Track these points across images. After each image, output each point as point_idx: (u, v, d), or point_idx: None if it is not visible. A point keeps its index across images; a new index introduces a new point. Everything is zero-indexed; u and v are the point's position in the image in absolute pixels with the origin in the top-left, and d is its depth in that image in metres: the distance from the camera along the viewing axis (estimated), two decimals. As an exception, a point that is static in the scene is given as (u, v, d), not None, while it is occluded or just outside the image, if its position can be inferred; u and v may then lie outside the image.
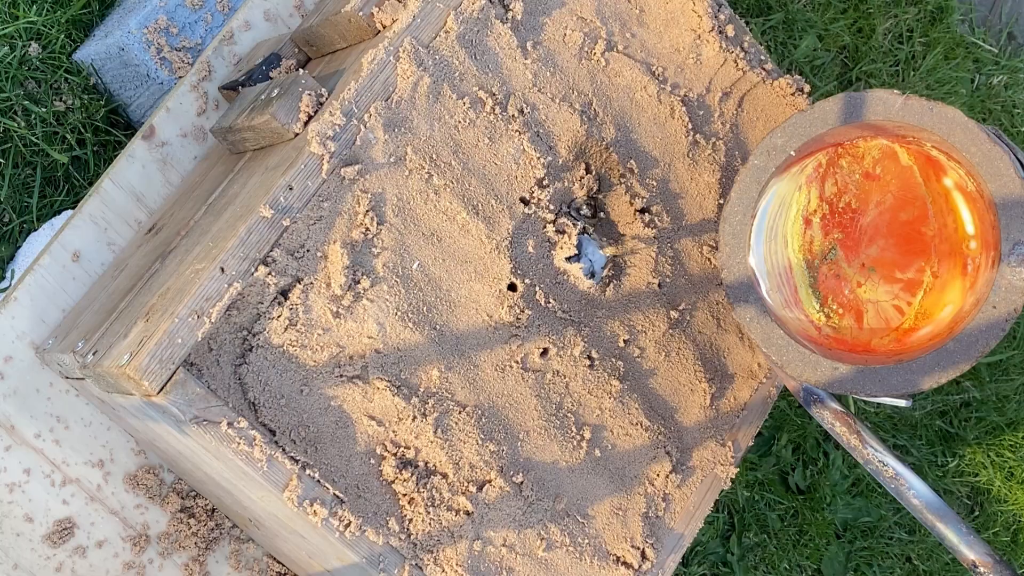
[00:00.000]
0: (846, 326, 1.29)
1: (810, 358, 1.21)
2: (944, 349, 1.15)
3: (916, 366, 1.16)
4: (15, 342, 1.28)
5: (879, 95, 1.21)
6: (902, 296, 1.27)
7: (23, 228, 1.53)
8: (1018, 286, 1.13)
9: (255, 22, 1.42)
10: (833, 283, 1.29)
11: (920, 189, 1.27)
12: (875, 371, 1.18)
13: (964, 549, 1.20)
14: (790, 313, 1.27)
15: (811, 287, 1.30)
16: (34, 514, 1.29)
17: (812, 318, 1.28)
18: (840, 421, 1.26)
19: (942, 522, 1.21)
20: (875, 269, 1.29)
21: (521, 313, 1.24)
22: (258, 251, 1.08)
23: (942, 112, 1.18)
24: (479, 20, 1.21)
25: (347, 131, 1.12)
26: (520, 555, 1.23)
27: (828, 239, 1.30)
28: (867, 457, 1.25)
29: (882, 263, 1.29)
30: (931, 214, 1.26)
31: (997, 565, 1.18)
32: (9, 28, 1.53)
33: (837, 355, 1.22)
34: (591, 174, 1.32)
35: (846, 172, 1.30)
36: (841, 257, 1.30)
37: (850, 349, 1.26)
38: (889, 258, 1.29)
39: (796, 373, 1.21)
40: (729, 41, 1.40)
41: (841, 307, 1.29)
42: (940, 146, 1.20)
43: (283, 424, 1.10)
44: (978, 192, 1.17)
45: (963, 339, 1.15)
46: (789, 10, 2.06)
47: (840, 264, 1.30)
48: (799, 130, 1.24)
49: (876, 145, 1.28)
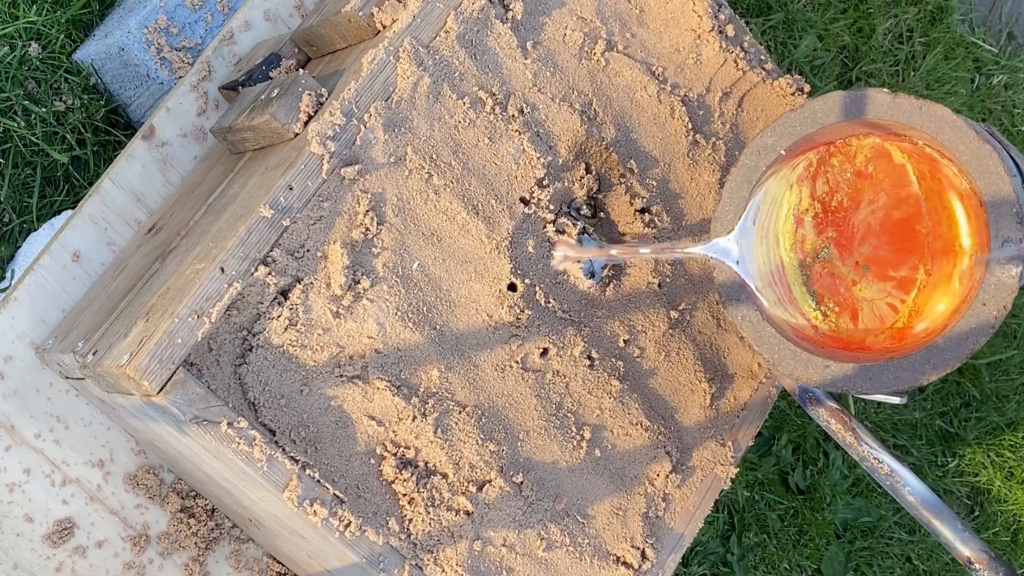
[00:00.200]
0: (843, 325, 1.29)
1: (802, 356, 1.21)
2: (935, 346, 1.16)
3: (907, 363, 1.16)
4: (15, 342, 1.28)
5: (869, 94, 1.21)
6: (896, 294, 1.28)
7: (23, 228, 1.53)
8: (1007, 283, 1.13)
9: (255, 22, 1.42)
10: (828, 282, 1.29)
11: (913, 187, 1.28)
12: (867, 368, 1.18)
13: (959, 546, 1.21)
14: (784, 312, 1.27)
15: (805, 286, 1.30)
16: (34, 514, 1.29)
17: (809, 317, 1.28)
18: (836, 419, 1.26)
19: (938, 519, 1.22)
20: (869, 267, 1.29)
21: (521, 313, 1.24)
22: (258, 251, 1.08)
23: (931, 110, 1.18)
24: (479, 20, 1.21)
25: (347, 131, 1.12)
26: (520, 555, 1.23)
27: (821, 238, 1.30)
28: (862, 454, 1.25)
29: (876, 261, 1.30)
30: (924, 212, 1.26)
31: (993, 562, 1.19)
32: (9, 28, 1.53)
33: (830, 353, 1.22)
34: (591, 174, 1.32)
35: (838, 171, 1.30)
36: (835, 255, 1.30)
37: (845, 347, 1.27)
38: (883, 256, 1.29)
39: (788, 371, 1.21)
40: (729, 41, 1.40)
41: (837, 306, 1.29)
42: (931, 144, 1.21)
43: (283, 424, 1.10)
44: (970, 190, 1.18)
45: (953, 336, 1.15)
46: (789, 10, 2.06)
47: (834, 262, 1.30)
48: (789, 129, 1.24)
49: (868, 143, 1.28)
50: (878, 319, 1.28)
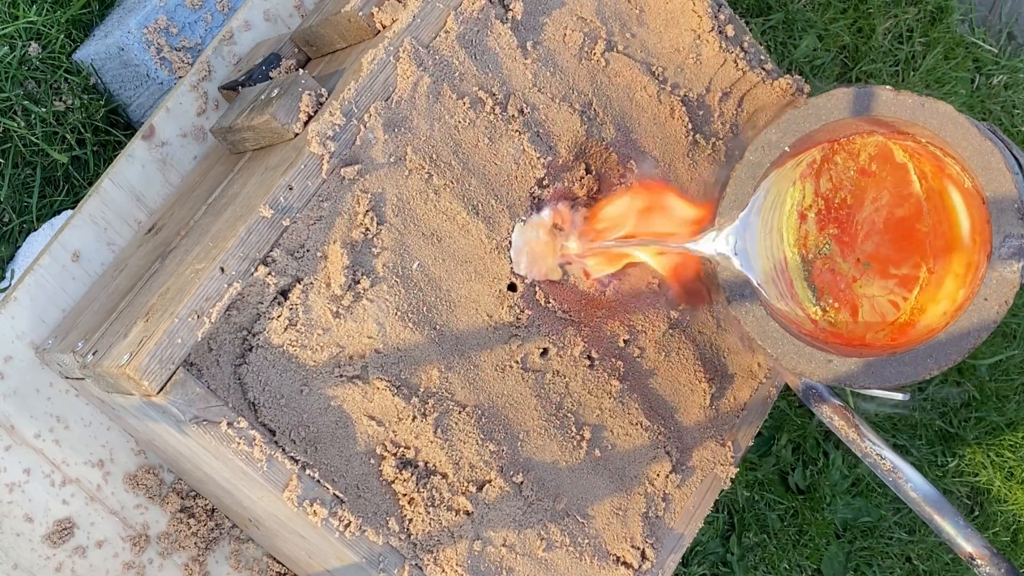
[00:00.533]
0: (842, 320, 1.29)
1: (805, 351, 1.21)
2: (936, 342, 1.16)
3: (909, 358, 1.17)
4: (15, 342, 1.28)
5: (873, 90, 1.22)
6: (898, 291, 1.28)
7: (23, 228, 1.53)
8: (1009, 279, 1.14)
9: (255, 22, 1.42)
10: (829, 278, 1.30)
11: (915, 186, 1.28)
12: (870, 364, 1.19)
13: (961, 542, 1.21)
14: (786, 307, 1.27)
15: (807, 281, 1.30)
16: (34, 514, 1.29)
17: (809, 312, 1.29)
18: (839, 415, 1.26)
19: (940, 515, 1.22)
20: (870, 264, 1.30)
21: (521, 313, 1.24)
22: (258, 251, 1.08)
23: (933, 107, 1.19)
24: (479, 20, 1.21)
25: (347, 131, 1.12)
26: (520, 555, 1.23)
27: (823, 234, 1.30)
28: (865, 451, 1.25)
29: (877, 259, 1.30)
30: (926, 211, 1.27)
31: (994, 558, 1.19)
32: (9, 28, 1.53)
33: (833, 348, 1.23)
34: (591, 174, 1.32)
35: (841, 168, 1.30)
36: (836, 252, 1.30)
37: (846, 343, 1.27)
38: (884, 254, 1.30)
39: (791, 366, 1.21)
40: (729, 41, 1.40)
41: (837, 302, 1.29)
42: (933, 141, 1.21)
43: (283, 424, 1.10)
44: (972, 187, 1.18)
45: (955, 332, 1.16)
46: (789, 10, 2.06)
47: (835, 259, 1.30)
48: (794, 126, 1.24)
49: (872, 141, 1.28)
50: (879, 315, 1.29)
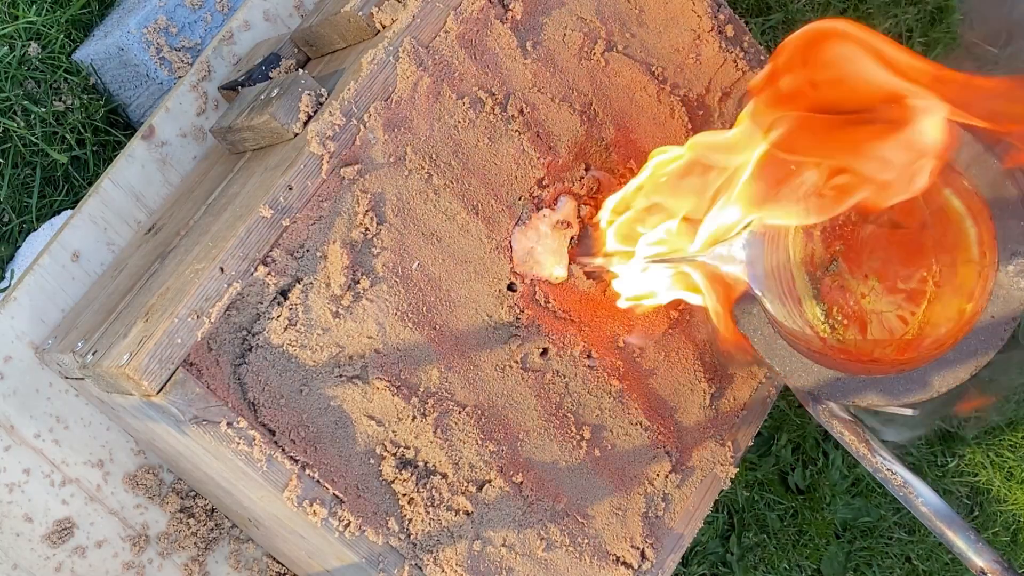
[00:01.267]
0: (851, 337, 1.29)
1: (813, 368, 1.21)
2: (945, 359, 1.16)
3: (918, 375, 1.17)
4: (15, 342, 1.28)
5: None
6: (905, 307, 1.28)
7: (23, 228, 1.53)
8: (1016, 296, 1.14)
9: (255, 22, 1.42)
10: (837, 295, 1.29)
11: (919, 200, 1.28)
12: (878, 381, 1.19)
13: (973, 556, 1.21)
14: (794, 324, 1.27)
15: (815, 299, 1.30)
16: (34, 514, 1.29)
17: (817, 329, 1.28)
18: (849, 430, 1.26)
19: (951, 529, 1.22)
20: (878, 280, 1.30)
21: (521, 313, 1.24)
22: (258, 251, 1.08)
23: None
24: (479, 20, 1.21)
25: (347, 131, 1.12)
26: (520, 555, 1.23)
27: (830, 250, 1.30)
28: (876, 466, 1.25)
29: (884, 274, 1.30)
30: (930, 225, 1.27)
31: (1006, 572, 1.19)
32: (9, 28, 1.53)
33: (842, 365, 1.23)
34: (591, 174, 1.32)
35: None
36: (844, 268, 1.30)
37: (854, 360, 1.27)
38: (891, 269, 1.30)
39: (800, 383, 1.21)
40: (729, 41, 1.40)
41: (846, 318, 1.29)
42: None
43: (283, 424, 1.10)
44: (978, 202, 1.18)
45: (963, 348, 1.16)
46: (789, 10, 2.06)
47: (843, 275, 1.30)
48: None
49: None
50: (887, 331, 1.29)
